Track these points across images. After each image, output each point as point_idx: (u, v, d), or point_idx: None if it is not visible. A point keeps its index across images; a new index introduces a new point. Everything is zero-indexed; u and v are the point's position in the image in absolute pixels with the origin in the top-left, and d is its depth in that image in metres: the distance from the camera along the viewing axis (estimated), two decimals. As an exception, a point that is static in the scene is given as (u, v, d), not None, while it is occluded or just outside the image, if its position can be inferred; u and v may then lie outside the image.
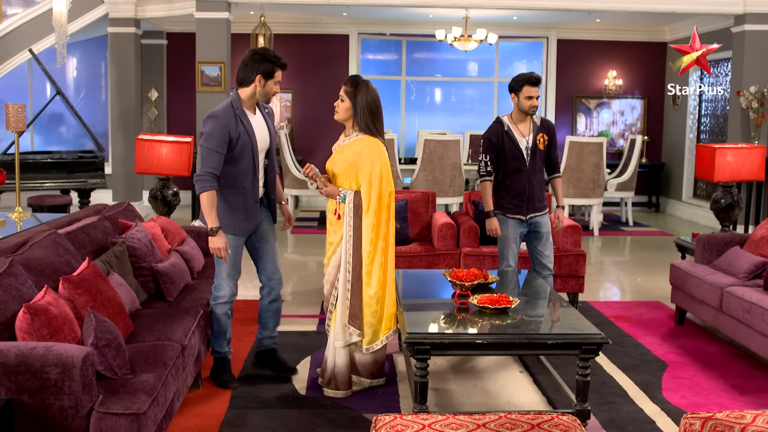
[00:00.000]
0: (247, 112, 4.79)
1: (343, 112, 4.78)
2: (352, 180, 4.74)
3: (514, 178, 5.73)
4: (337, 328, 4.76)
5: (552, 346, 4.10)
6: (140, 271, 5.01)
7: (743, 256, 5.96)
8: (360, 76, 4.83)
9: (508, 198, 5.75)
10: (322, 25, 13.43)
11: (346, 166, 4.73)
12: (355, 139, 4.77)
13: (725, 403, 4.76)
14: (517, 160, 5.71)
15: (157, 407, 3.48)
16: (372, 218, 4.68)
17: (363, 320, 4.72)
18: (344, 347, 4.78)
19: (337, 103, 4.80)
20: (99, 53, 13.15)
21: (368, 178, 4.69)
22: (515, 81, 5.67)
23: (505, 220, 5.78)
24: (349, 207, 4.70)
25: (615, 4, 10.33)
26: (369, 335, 4.76)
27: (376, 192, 4.68)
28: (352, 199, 4.70)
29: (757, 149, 6.94)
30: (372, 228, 4.68)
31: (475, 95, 14.55)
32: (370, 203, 4.68)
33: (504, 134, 5.71)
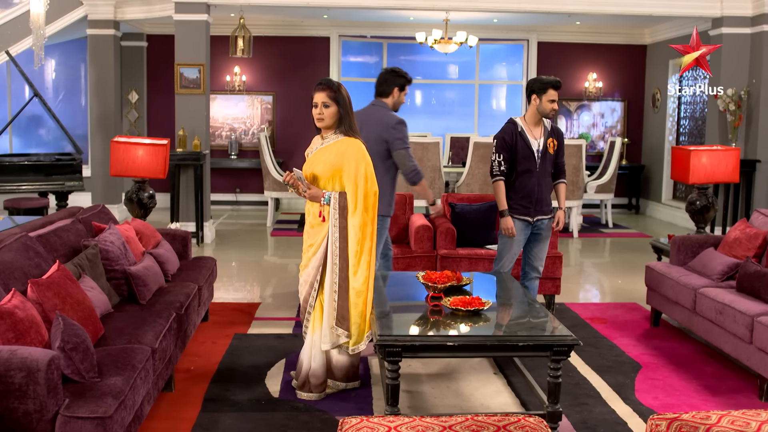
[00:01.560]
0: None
1: (331, 117, 4.73)
2: (335, 182, 4.72)
3: (523, 179, 5.75)
4: (324, 331, 4.73)
5: (523, 347, 4.10)
6: (113, 274, 4.98)
7: (717, 257, 5.99)
8: (332, 79, 4.81)
9: (516, 199, 5.76)
10: (302, 28, 13.42)
11: (329, 167, 4.70)
12: (335, 141, 4.75)
13: (697, 404, 4.78)
14: (528, 161, 5.73)
15: (125, 411, 3.46)
16: (359, 218, 4.67)
17: (351, 321, 4.71)
18: (322, 350, 4.76)
19: (320, 111, 4.71)
20: (78, 55, 13.09)
21: (353, 178, 4.68)
22: (540, 83, 5.69)
23: (516, 221, 5.79)
24: (334, 208, 4.67)
25: (593, 7, 10.36)
26: (355, 336, 4.75)
27: (362, 192, 4.68)
28: (337, 200, 4.68)
29: (732, 151, 6.98)
30: (359, 228, 4.67)
31: (456, 97, 14.57)
32: (357, 203, 4.67)
33: (518, 135, 5.73)
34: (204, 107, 10.17)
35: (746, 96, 10.11)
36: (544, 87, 5.67)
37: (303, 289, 4.83)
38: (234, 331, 6.15)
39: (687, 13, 10.52)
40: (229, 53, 11.57)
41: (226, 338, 5.95)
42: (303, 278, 4.83)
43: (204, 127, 10.18)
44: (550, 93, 5.66)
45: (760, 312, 4.97)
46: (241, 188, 13.64)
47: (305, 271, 4.81)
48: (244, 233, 11.21)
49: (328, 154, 4.73)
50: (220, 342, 5.86)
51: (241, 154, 13.52)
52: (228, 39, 11.62)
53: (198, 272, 5.92)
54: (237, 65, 13.29)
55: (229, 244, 10.28)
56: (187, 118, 10.12)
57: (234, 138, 13.38)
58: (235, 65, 13.29)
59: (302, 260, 4.87)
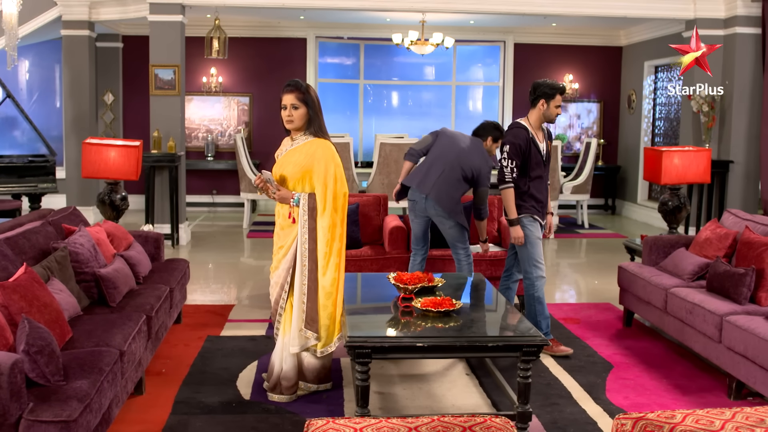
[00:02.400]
0: None
1: (300, 119, 4.73)
2: (305, 183, 4.70)
3: (536, 185, 5.72)
4: (293, 333, 4.70)
5: (492, 348, 4.11)
6: (83, 277, 4.95)
7: (688, 257, 6.03)
8: (300, 81, 4.80)
9: (531, 202, 5.73)
10: (279, 29, 13.39)
11: (299, 168, 4.69)
12: (305, 143, 4.74)
13: (667, 403, 4.81)
14: (539, 167, 5.71)
15: (91, 414, 3.44)
16: (327, 220, 4.66)
17: (319, 323, 4.69)
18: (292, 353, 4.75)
19: (289, 113, 4.71)
20: (53, 56, 12.99)
21: (323, 179, 4.66)
22: (549, 88, 5.62)
23: (534, 221, 5.74)
24: (303, 209, 4.66)
25: (568, 9, 10.41)
26: (324, 338, 4.73)
27: (332, 193, 4.66)
28: (306, 201, 4.66)
29: (703, 152, 7.04)
30: (328, 229, 4.66)
31: (433, 99, 14.59)
32: (326, 205, 4.66)
33: (530, 140, 5.66)
34: (179, 108, 10.12)
35: (719, 97, 10.19)
36: (554, 92, 5.61)
37: (274, 291, 4.81)
38: (207, 333, 6.13)
39: (661, 15, 10.60)
40: (205, 54, 11.51)
41: (199, 340, 5.92)
42: (274, 280, 4.81)
43: (179, 129, 10.14)
44: (558, 98, 5.63)
45: (729, 311, 5.02)
46: (218, 190, 13.59)
47: (276, 272, 4.79)
48: (220, 235, 11.17)
49: (297, 156, 4.72)
50: (192, 344, 5.84)
51: (218, 156, 13.47)
52: (204, 40, 11.57)
53: (170, 274, 5.89)
54: (213, 66, 13.24)
55: (204, 245, 10.24)
56: (162, 119, 10.07)
57: (210, 139, 13.33)
58: (212, 66, 13.24)
59: (273, 262, 4.85)
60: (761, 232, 5.74)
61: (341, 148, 10.22)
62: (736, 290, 5.20)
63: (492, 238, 7.20)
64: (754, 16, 9.93)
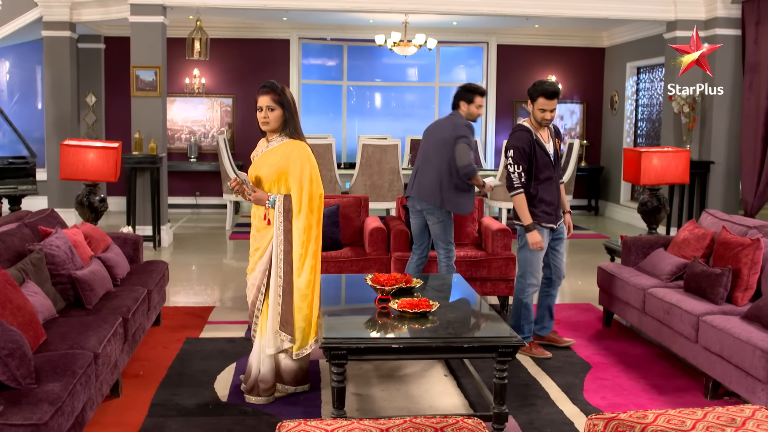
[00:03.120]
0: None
1: (276, 120, 4.70)
2: (281, 184, 4.69)
3: (545, 187, 5.57)
4: (268, 335, 4.69)
5: (468, 349, 4.12)
6: (59, 279, 4.92)
7: (666, 257, 6.06)
8: (276, 82, 4.78)
9: (541, 207, 5.58)
10: (262, 30, 13.37)
11: (275, 170, 4.67)
12: (280, 144, 4.72)
13: (644, 403, 4.83)
14: (547, 168, 5.57)
15: (62, 417, 3.42)
16: (303, 221, 4.64)
17: (294, 325, 4.68)
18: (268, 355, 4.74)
19: (265, 114, 4.68)
20: (34, 57, 12.92)
21: (299, 181, 4.64)
22: (533, 88, 5.52)
23: (542, 230, 5.61)
24: (279, 211, 4.65)
25: (550, 10, 10.43)
26: (299, 340, 4.71)
27: (307, 195, 4.64)
28: (282, 202, 4.65)
29: (682, 153, 7.07)
30: (303, 231, 4.64)
31: (417, 100, 14.60)
32: (302, 206, 4.64)
33: (534, 142, 5.52)
34: (160, 110, 10.09)
35: (700, 98, 10.24)
36: (536, 94, 5.50)
37: (250, 293, 4.80)
38: (186, 335, 6.10)
39: (642, 16, 10.64)
40: (186, 56, 11.47)
41: (178, 342, 5.90)
42: (250, 282, 4.80)
43: (160, 130, 10.10)
44: (541, 101, 5.47)
45: (705, 311, 5.04)
46: (201, 191, 13.55)
47: (252, 274, 4.78)
48: (203, 237, 11.13)
49: (273, 157, 4.70)
50: (171, 346, 5.81)
51: (201, 157, 13.43)
52: (185, 41, 11.53)
53: (148, 276, 5.86)
54: (196, 68, 13.20)
55: (187, 247, 10.20)
56: (144, 121, 10.03)
57: (194, 141, 13.29)
58: (195, 68, 13.20)
59: (249, 264, 4.85)
60: (738, 232, 5.77)
61: (323, 150, 10.22)
62: (713, 290, 5.23)
63: (472, 239, 7.21)
64: (734, 18, 9.98)
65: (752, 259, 5.20)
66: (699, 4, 10.25)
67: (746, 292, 5.22)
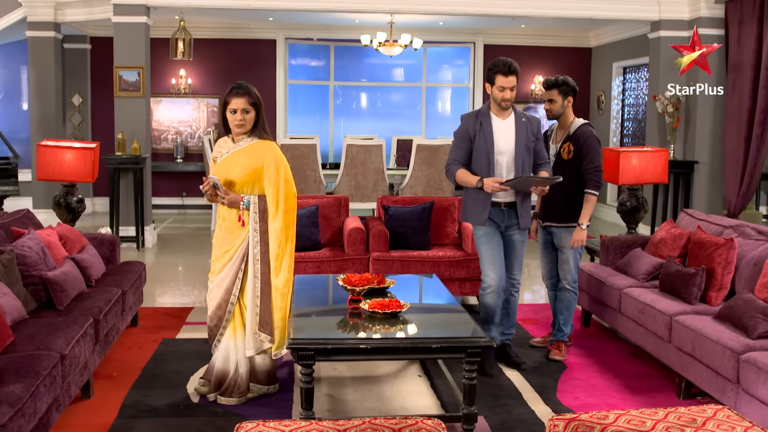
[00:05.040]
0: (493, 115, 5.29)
1: (251, 123, 4.68)
2: (254, 185, 4.67)
3: None
4: (248, 337, 4.68)
5: (436, 350, 4.11)
6: (30, 280, 4.90)
7: (643, 257, 6.06)
8: (247, 84, 4.74)
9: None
10: (248, 30, 13.35)
11: (249, 171, 4.64)
12: (250, 144, 4.69)
13: (616, 404, 4.82)
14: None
15: (23, 419, 3.40)
16: (280, 221, 4.62)
17: (273, 325, 4.67)
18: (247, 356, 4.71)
19: (242, 117, 4.62)
20: (19, 57, 12.89)
21: (274, 181, 4.63)
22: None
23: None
24: (254, 212, 4.64)
25: (534, 10, 10.44)
26: (278, 340, 4.70)
27: (284, 194, 4.63)
28: (257, 204, 4.63)
29: (661, 152, 7.06)
30: (281, 231, 4.62)
31: (405, 100, 14.59)
32: (278, 207, 4.62)
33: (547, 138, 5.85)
34: (144, 110, 10.06)
35: (684, 98, 10.24)
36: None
37: (216, 295, 4.73)
38: (163, 336, 6.09)
39: (626, 16, 10.65)
40: (170, 56, 11.44)
41: (154, 343, 5.88)
42: (215, 284, 4.74)
43: (144, 131, 10.07)
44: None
45: (679, 311, 5.04)
46: (188, 192, 13.52)
47: (219, 276, 4.72)
48: (188, 237, 11.11)
49: (245, 158, 4.66)
50: (146, 347, 5.80)
51: (187, 158, 13.40)
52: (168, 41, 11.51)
53: (123, 277, 5.84)
54: (182, 68, 13.18)
55: (171, 248, 10.18)
56: (127, 121, 10.01)
57: (180, 141, 13.26)
58: (181, 68, 13.17)
59: (212, 267, 4.79)
60: (714, 232, 5.77)
61: (307, 150, 10.20)
62: (687, 290, 5.23)
63: (452, 239, 7.20)
64: (717, 18, 9.99)
65: (726, 258, 5.20)
66: (683, 4, 10.26)
67: (720, 291, 5.22)
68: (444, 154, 10.37)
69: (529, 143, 5.27)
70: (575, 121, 5.70)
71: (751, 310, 4.56)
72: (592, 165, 5.58)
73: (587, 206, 5.62)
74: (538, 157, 5.38)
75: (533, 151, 5.34)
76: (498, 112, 5.26)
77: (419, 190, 10.38)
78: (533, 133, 5.31)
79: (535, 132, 5.33)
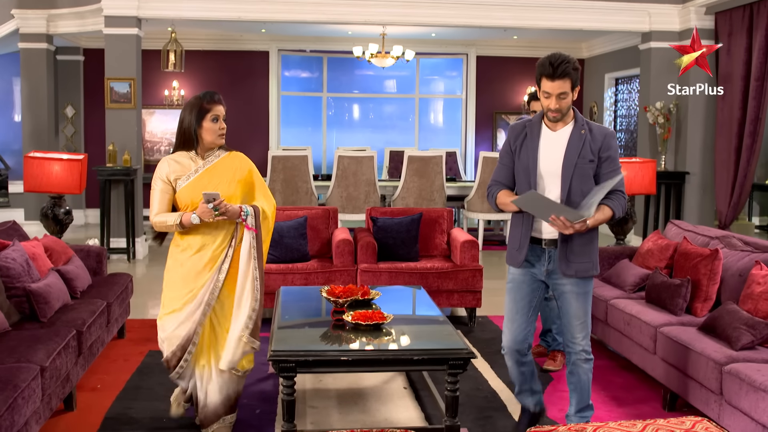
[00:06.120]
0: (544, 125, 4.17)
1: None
2: (247, 198, 4.43)
3: None
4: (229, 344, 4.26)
5: (418, 361, 4.09)
6: (14, 292, 4.87)
7: (630, 268, 6.05)
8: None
9: None
10: (241, 42, 13.37)
11: (242, 184, 4.36)
12: (226, 156, 4.39)
13: (601, 415, 4.81)
14: None
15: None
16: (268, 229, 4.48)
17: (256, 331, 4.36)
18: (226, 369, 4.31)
19: (222, 126, 4.34)
20: (12, 69, 12.91)
21: (264, 191, 4.47)
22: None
23: None
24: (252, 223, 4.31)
25: (526, 22, 10.47)
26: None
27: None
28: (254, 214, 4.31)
29: (648, 163, 7.07)
30: (268, 241, 4.55)
31: (397, 111, 14.61)
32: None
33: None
34: (135, 122, 10.07)
35: (675, 109, 10.26)
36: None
37: (182, 331, 4.27)
38: (149, 348, 6.06)
39: (617, 27, 10.69)
40: (161, 67, 11.46)
41: (140, 355, 5.87)
42: (183, 316, 4.27)
43: (135, 142, 10.08)
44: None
45: (664, 323, 5.03)
46: (181, 203, 13.48)
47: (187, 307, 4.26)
48: (180, 249, 11.06)
49: (229, 172, 4.34)
50: (132, 359, 5.78)
51: (180, 169, 13.37)
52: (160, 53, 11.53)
53: (109, 289, 5.83)
54: (175, 79, 13.19)
55: (162, 260, 10.05)
56: (118, 132, 10.01)
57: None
58: (174, 79, 13.19)
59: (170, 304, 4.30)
60: (700, 243, 5.77)
61: (298, 162, 10.21)
62: (672, 301, 5.22)
63: (441, 250, 7.20)
64: (707, 29, 10.02)
65: (711, 269, 5.19)
66: (673, 15, 10.31)
67: (705, 302, 5.21)
68: (435, 166, 10.38)
69: (584, 163, 4.04)
70: None
71: (734, 321, 4.55)
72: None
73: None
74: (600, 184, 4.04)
75: (595, 175, 4.09)
76: (551, 122, 4.12)
77: (411, 201, 10.38)
78: (594, 150, 4.06)
79: (599, 148, 4.07)
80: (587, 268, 4.16)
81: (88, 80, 13.20)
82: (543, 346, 5.96)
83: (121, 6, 9.78)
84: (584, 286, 4.20)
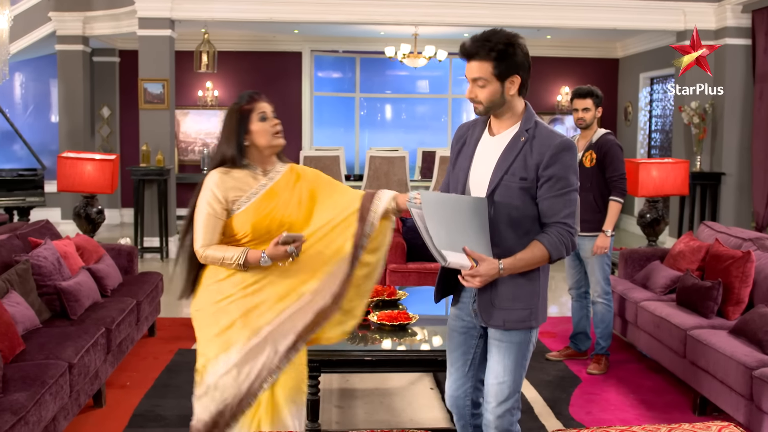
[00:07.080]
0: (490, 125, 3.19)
1: None
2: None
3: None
4: None
5: (442, 362, 4.06)
6: (45, 290, 4.96)
7: (661, 270, 5.98)
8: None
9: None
10: (274, 43, 13.43)
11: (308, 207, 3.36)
12: (287, 170, 3.38)
13: (630, 419, 4.76)
14: None
15: (26, 427, 3.43)
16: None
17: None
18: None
19: (275, 122, 3.36)
20: (49, 71, 13.08)
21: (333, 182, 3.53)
22: None
23: None
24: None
25: (559, 21, 10.40)
26: None
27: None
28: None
29: (681, 164, 6.99)
30: None
31: (430, 111, 14.58)
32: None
33: None
34: (168, 122, 10.16)
35: (710, 109, 10.12)
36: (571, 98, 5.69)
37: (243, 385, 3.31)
38: (179, 346, 6.12)
39: (652, 26, 10.56)
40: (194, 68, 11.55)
41: (169, 354, 5.92)
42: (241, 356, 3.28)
43: (168, 143, 10.17)
44: (575, 102, 5.64)
45: (694, 325, 4.97)
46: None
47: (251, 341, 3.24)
48: (212, 248, 11.14)
49: (294, 193, 3.33)
50: (161, 357, 5.83)
51: (214, 169, 13.47)
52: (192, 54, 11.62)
53: (139, 287, 5.89)
54: (209, 80, 13.29)
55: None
56: (152, 133, 10.11)
57: (206, 153, 13.36)
58: (207, 80, 13.29)
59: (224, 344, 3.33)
60: (732, 244, 5.68)
61: (330, 162, 10.24)
62: (703, 304, 5.15)
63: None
64: (744, 27, 9.87)
65: (743, 272, 5.11)
66: (709, 14, 10.16)
67: (737, 305, 5.14)
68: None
69: (512, 181, 3.00)
70: (598, 130, 5.64)
71: (766, 324, 4.47)
72: (617, 172, 5.42)
73: (611, 213, 5.42)
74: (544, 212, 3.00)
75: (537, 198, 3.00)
76: (497, 123, 3.14)
77: (442, 201, 10.34)
78: (531, 165, 2.98)
79: (538, 163, 2.98)
80: (522, 317, 3.08)
81: (124, 81, 13.35)
82: (572, 348, 5.91)
83: (155, 8, 9.88)
84: (517, 335, 3.11)
